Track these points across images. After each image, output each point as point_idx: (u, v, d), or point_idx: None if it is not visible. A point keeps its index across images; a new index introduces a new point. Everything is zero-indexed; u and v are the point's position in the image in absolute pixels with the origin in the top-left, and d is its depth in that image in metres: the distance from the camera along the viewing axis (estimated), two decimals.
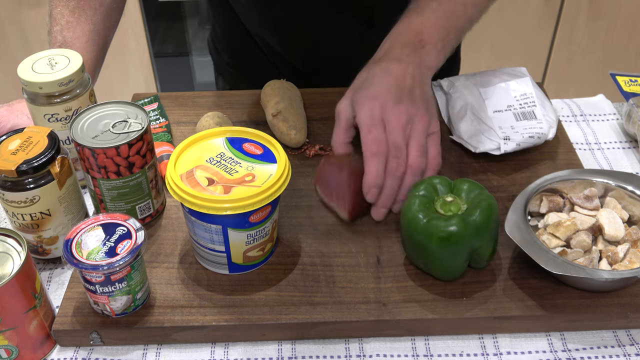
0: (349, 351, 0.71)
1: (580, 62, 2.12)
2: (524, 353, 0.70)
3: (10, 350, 0.67)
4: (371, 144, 0.78)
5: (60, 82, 0.79)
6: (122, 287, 0.68)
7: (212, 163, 0.72)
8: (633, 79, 1.02)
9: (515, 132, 0.87)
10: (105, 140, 0.73)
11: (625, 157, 0.93)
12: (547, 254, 0.70)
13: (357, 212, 0.80)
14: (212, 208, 0.68)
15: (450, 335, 0.72)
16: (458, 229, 0.68)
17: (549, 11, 2.02)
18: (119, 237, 0.68)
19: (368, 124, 0.78)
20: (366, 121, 0.79)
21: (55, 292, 0.77)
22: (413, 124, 0.79)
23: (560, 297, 0.72)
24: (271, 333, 0.71)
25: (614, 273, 0.69)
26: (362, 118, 0.79)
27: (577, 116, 1.00)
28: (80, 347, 0.72)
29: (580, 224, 0.74)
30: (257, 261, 0.75)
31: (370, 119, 0.78)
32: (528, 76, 0.94)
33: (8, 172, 0.71)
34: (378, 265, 0.76)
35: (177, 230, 0.81)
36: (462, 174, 0.87)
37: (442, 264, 0.71)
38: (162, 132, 0.92)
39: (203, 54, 2.29)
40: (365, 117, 0.79)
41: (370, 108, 0.79)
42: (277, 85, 0.94)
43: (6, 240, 0.68)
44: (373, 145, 0.78)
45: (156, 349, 0.71)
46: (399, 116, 0.78)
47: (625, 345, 0.71)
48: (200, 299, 0.73)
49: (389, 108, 0.79)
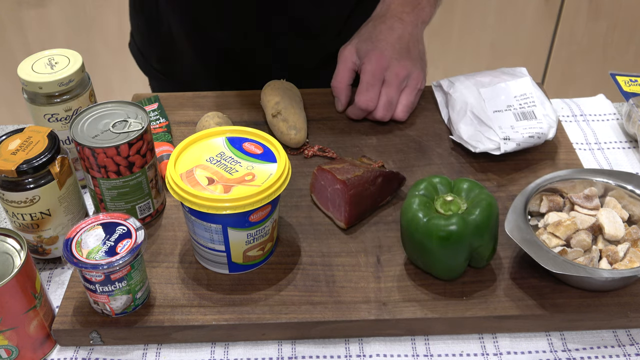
0: (349, 351, 0.71)
1: (580, 62, 2.12)
2: (524, 353, 0.70)
3: (10, 350, 0.67)
4: (365, 101, 0.91)
5: (60, 82, 0.79)
6: (122, 287, 0.68)
7: (212, 162, 0.72)
8: (633, 79, 1.02)
9: (515, 132, 0.87)
10: (105, 140, 0.73)
11: (625, 157, 0.93)
12: (547, 254, 0.70)
13: (353, 220, 0.80)
14: (212, 207, 0.68)
15: (450, 335, 0.72)
16: (458, 228, 0.68)
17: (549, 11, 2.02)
18: (119, 236, 0.68)
19: (369, 80, 0.91)
20: (369, 76, 0.91)
21: (55, 292, 0.77)
22: (409, 79, 0.93)
23: (560, 297, 0.72)
24: (271, 333, 0.71)
25: (614, 272, 0.69)
26: (367, 70, 0.91)
27: (577, 116, 1.00)
28: (80, 346, 0.72)
29: (580, 223, 0.74)
30: (257, 261, 0.75)
31: (373, 75, 0.91)
32: (528, 76, 0.94)
33: (8, 172, 0.71)
34: (378, 265, 0.76)
35: (177, 230, 0.81)
36: (462, 174, 0.87)
37: (442, 264, 0.71)
38: (162, 132, 0.92)
39: None
40: (369, 72, 0.91)
41: (377, 62, 0.91)
42: (277, 85, 0.94)
43: (6, 240, 0.68)
44: (364, 103, 0.92)
45: (156, 348, 0.71)
46: (399, 72, 0.91)
47: (625, 345, 0.71)
48: (200, 299, 0.73)
49: (392, 64, 0.91)
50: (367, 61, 0.92)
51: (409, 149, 0.91)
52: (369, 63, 0.92)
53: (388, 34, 0.92)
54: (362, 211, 0.80)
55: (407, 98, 0.94)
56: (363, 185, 0.78)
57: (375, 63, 0.91)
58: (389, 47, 0.92)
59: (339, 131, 0.95)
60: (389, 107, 0.93)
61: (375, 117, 0.94)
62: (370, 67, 0.91)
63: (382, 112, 0.93)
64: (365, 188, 0.79)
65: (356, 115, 0.95)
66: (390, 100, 0.92)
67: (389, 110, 0.93)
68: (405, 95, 0.94)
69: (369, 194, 0.80)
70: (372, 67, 0.91)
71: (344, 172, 0.79)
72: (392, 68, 0.91)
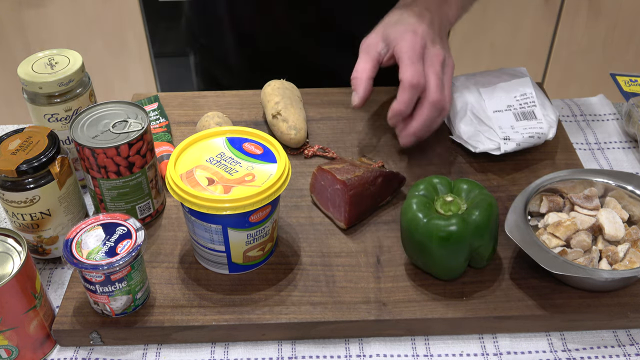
0: (349, 351, 0.71)
1: (580, 62, 2.12)
2: (524, 353, 0.70)
3: (10, 350, 0.67)
4: (413, 75, 0.80)
5: (60, 82, 0.79)
6: (122, 287, 0.68)
7: (212, 163, 0.72)
8: (633, 79, 1.02)
9: (515, 132, 0.87)
10: (105, 140, 0.73)
11: (625, 157, 0.93)
12: (547, 254, 0.70)
13: (353, 220, 0.80)
14: (212, 208, 0.68)
15: (450, 335, 0.72)
16: (458, 228, 0.68)
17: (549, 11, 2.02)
18: (119, 236, 0.68)
19: (411, 55, 0.81)
20: (409, 52, 0.81)
21: (55, 292, 0.77)
22: (446, 65, 0.85)
23: (560, 297, 0.72)
24: (271, 333, 0.71)
25: (614, 273, 0.69)
26: (405, 48, 0.82)
27: (577, 116, 1.00)
28: (80, 347, 0.72)
29: (580, 223, 0.74)
30: (257, 261, 0.75)
31: (413, 51, 0.81)
32: (528, 76, 0.94)
33: (8, 172, 0.71)
34: (378, 265, 0.76)
35: (177, 230, 0.81)
36: (462, 174, 0.87)
37: (442, 264, 0.71)
38: (162, 132, 0.92)
39: None
40: (409, 48, 0.82)
41: (412, 41, 0.82)
42: (277, 85, 0.94)
43: (6, 240, 0.68)
44: (415, 77, 0.80)
45: (156, 348, 0.71)
46: (438, 53, 0.83)
47: (625, 345, 0.71)
48: (200, 299, 0.73)
49: (428, 46, 0.83)
50: (401, 40, 0.82)
51: (409, 149, 0.91)
52: (403, 41, 0.82)
53: (419, 19, 0.84)
54: (362, 211, 0.80)
55: (448, 82, 0.84)
56: (363, 185, 0.78)
57: (412, 40, 0.82)
58: (422, 29, 0.83)
59: (339, 131, 0.95)
60: (441, 87, 0.82)
61: (431, 100, 0.81)
62: (407, 44, 0.82)
63: (436, 93, 0.81)
64: (365, 188, 0.79)
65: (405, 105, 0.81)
66: (440, 78, 0.82)
67: (442, 91, 0.82)
68: (446, 80, 0.84)
69: (369, 194, 0.80)
70: (409, 44, 0.82)
71: (344, 172, 0.79)
72: (430, 49, 0.83)
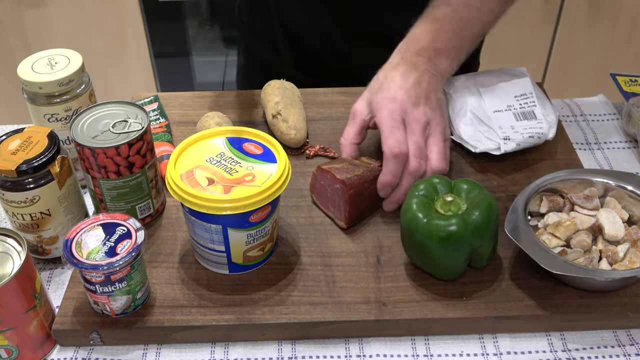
0: (349, 351, 0.71)
1: (580, 62, 2.12)
2: (524, 353, 0.70)
3: (10, 350, 0.67)
4: (393, 144, 0.79)
5: (60, 82, 0.79)
6: (122, 287, 0.68)
7: (212, 163, 0.72)
8: (633, 79, 1.02)
9: (515, 132, 0.87)
10: (105, 140, 0.73)
11: (625, 157, 0.93)
12: (547, 254, 0.70)
13: (354, 219, 0.80)
14: (212, 208, 0.68)
15: (450, 335, 0.72)
16: (458, 228, 0.68)
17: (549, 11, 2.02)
18: (119, 237, 0.68)
19: (390, 125, 0.80)
20: (387, 122, 0.80)
21: (55, 292, 0.77)
22: (431, 126, 0.82)
23: (560, 297, 0.72)
24: (271, 333, 0.71)
25: (614, 273, 0.69)
26: (383, 118, 0.81)
27: (577, 116, 1.00)
28: (80, 347, 0.72)
29: (580, 223, 0.74)
30: (257, 261, 0.75)
31: (392, 120, 0.80)
32: (528, 76, 0.94)
33: (8, 172, 0.71)
34: (378, 265, 0.76)
35: (177, 230, 0.81)
36: (462, 174, 0.87)
37: (442, 264, 0.71)
38: (162, 132, 0.92)
39: (203, 54, 2.29)
40: (387, 118, 0.81)
41: (390, 109, 0.81)
42: (277, 85, 0.94)
43: (6, 240, 0.68)
44: (395, 146, 0.79)
45: (156, 349, 0.71)
46: (419, 118, 0.80)
47: (625, 345, 0.71)
48: (200, 299, 0.73)
49: (409, 110, 0.81)
50: (380, 108, 0.82)
51: None
52: (382, 109, 0.81)
53: (402, 80, 0.82)
54: (362, 210, 0.80)
55: (436, 145, 0.81)
56: (362, 184, 0.79)
57: (390, 107, 0.81)
58: (402, 92, 0.81)
59: (339, 131, 0.94)
60: (420, 153, 0.80)
61: (409, 170, 0.80)
62: (386, 113, 0.81)
63: (415, 161, 0.79)
64: (364, 187, 0.79)
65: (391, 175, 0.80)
66: (419, 146, 0.80)
67: (422, 159, 0.80)
68: (433, 143, 0.81)
69: (368, 193, 0.80)
70: (387, 112, 0.81)
71: (343, 171, 0.79)
72: (410, 114, 0.81)
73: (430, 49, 0.85)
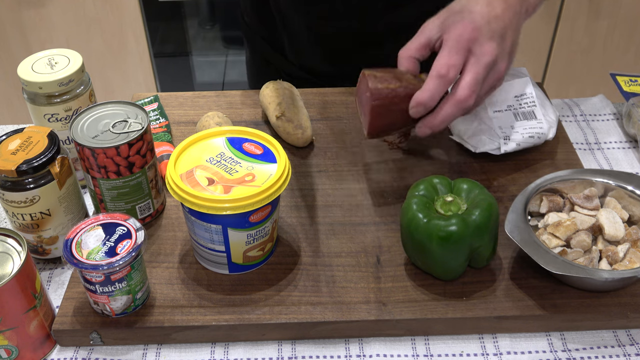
0: (349, 351, 0.71)
1: (580, 62, 2.11)
2: (524, 353, 0.70)
3: (10, 350, 0.67)
4: (442, 65, 0.74)
5: (60, 82, 0.79)
6: (122, 287, 0.68)
7: (212, 163, 0.72)
8: (633, 79, 1.02)
9: (515, 132, 0.87)
10: (105, 140, 0.73)
11: (625, 157, 0.93)
12: (547, 254, 0.70)
13: (376, 133, 0.77)
14: (212, 208, 0.68)
15: (450, 335, 0.72)
16: (458, 228, 0.68)
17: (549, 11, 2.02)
18: (119, 237, 0.68)
19: (452, 45, 0.75)
20: (451, 42, 0.76)
21: (55, 292, 0.77)
22: (495, 66, 0.77)
23: (560, 297, 0.72)
24: (271, 333, 0.71)
25: (614, 273, 0.69)
26: (449, 39, 0.76)
27: (577, 116, 1.00)
28: (80, 347, 0.72)
29: (580, 223, 0.74)
30: (257, 261, 0.75)
31: (457, 42, 0.75)
32: (528, 76, 0.94)
33: (8, 172, 0.71)
34: (378, 265, 0.76)
35: (177, 230, 0.81)
36: (462, 174, 0.87)
37: (442, 264, 0.71)
38: (162, 132, 0.92)
39: (203, 54, 2.29)
40: (452, 39, 0.76)
41: (461, 32, 0.75)
42: (275, 86, 0.94)
43: (6, 240, 0.68)
44: (444, 67, 0.74)
45: (156, 349, 0.71)
46: (489, 51, 0.75)
47: (625, 345, 0.71)
48: (200, 299, 0.73)
49: (481, 40, 0.75)
50: (452, 29, 0.76)
51: (408, 149, 0.91)
52: (453, 30, 0.76)
53: (485, 8, 0.76)
54: (387, 125, 0.77)
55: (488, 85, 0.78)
56: (392, 99, 0.75)
57: (462, 30, 0.75)
58: (482, 20, 0.75)
59: (339, 131, 0.95)
60: (475, 87, 0.75)
61: (456, 97, 0.75)
62: (454, 34, 0.75)
63: (466, 90, 0.74)
64: (393, 102, 0.75)
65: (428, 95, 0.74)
66: (477, 80, 0.75)
67: (474, 92, 0.75)
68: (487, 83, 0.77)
69: (398, 109, 0.76)
70: (456, 34, 0.75)
71: (379, 80, 0.75)
72: (481, 45, 0.75)
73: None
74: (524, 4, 0.80)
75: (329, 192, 0.85)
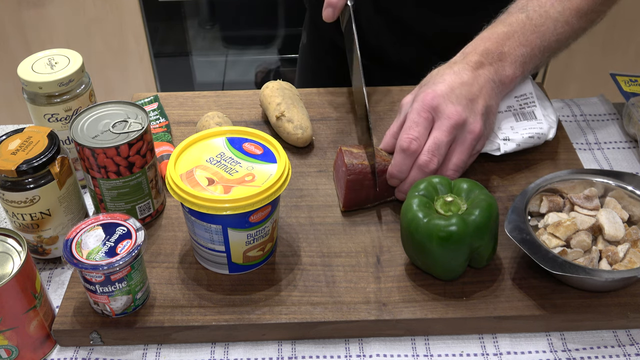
0: (349, 351, 0.71)
1: (580, 62, 2.12)
2: (524, 353, 0.70)
3: (10, 350, 0.67)
4: (404, 139, 0.77)
5: (60, 82, 0.79)
6: (122, 287, 0.68)
7: (212, 163, 0.72)
8: (633, 79, 1.02)
9: (515, 133, 0.87)
10: (105, 140, 0.73)
11: (625, 157, 0.93)
12: (547, 254, 0.70)
13: (350, 206, 0.82)
14: (212, 208, 0.68)
15: (450, 335, 0.72)
16: (458, 228, 0.68)
17: None
18: (119, 237, 0.69)
19: (413, 118, 0.77)
20: (413, 115, 0.78)
21: (55, 292, 0.77)
22: (464, 130, 0.77)
23: (560, 297, 0.72)
24: (271, 333, 0.71)
25: (614, 273, 0.69)
26: (412, 111, 0.78)
27: (577, 116, 1.00)
28: (80, 347, 0.72)
29: (580, 224, 0.74)
30: (257, 261, 0.75)
31: (418, 114, 0.77)
32: (528, 76, 0.94)
33: (8, 172, 0.71)
34: (378, 265, 0.76)
35: (177, 230, 0.81)
36: (462, 174, 0.87)
37: (442, 264, 0.71)
38: (162, 132, 0.92)
39: (203, 54, 2.29)
40: (414, 110, 0.78)
41: (423, 102, 0.77)
42: (275, 86, 0.94)
43: (6, 240, 0.68)
44: (405, 141, 0.77)
45: (156, 349, 0.71)
46: (452, 115, 0.76)
47: (625, 345, 0.71)
48: (200, 299, 0.73)
49: (444, 106, 0.77)
50: (417, 99, 0.78)
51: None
52: (417, 101, 0.78)
53: (452, 77, 0.78)
54: (361, 199, 0.81)
55: (460, 154, 0.78)
56: (365, 174, 0.79)
57: (423, 97, 0.77)
58: (445, 87, 0.77)
59: (339, 131, 0.95)
60: (435, 151, 0.76)
61: (418, 163, 0.77)
62: (417, 105, 0.77)
63: (426, 155, 0.76)
64: (367, 178, 0.80)
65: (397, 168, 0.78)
66: (437, 143, 0.76)
67: (435, 156, 0.76)
68: (458, 151, 0.78)
69: (370, 185, 0.80)
70: (419, 105, 0.77)
71: (354, 157, 0.80)
72: (443, 110, 0.76)
73: (495, 52, 0.81)
74: (497, 74, 0.81)
75: (329, 192, 0.85)
